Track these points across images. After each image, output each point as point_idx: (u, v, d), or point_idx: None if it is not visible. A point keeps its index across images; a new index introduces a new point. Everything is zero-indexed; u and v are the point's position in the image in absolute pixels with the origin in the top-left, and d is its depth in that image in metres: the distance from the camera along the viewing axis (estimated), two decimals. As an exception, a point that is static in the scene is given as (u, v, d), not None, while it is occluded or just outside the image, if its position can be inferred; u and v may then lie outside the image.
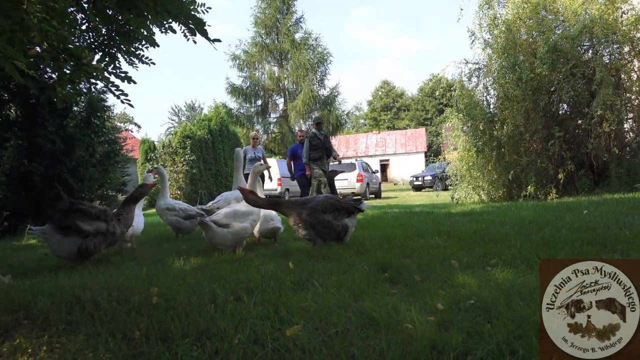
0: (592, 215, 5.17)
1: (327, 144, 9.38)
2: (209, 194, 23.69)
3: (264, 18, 31.57)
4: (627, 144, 11.04)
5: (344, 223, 3.90)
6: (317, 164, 9.20)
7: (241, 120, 31.19)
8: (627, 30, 10.23)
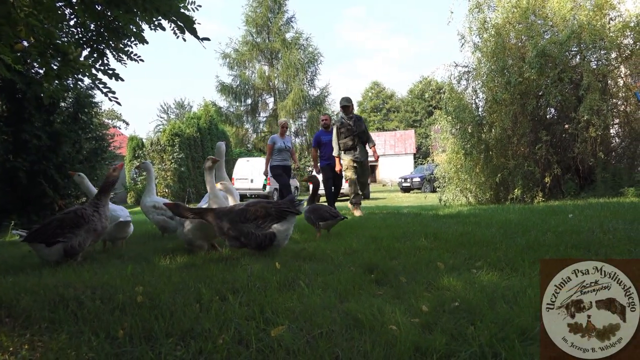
0: (577, 219, 5.22)
1: (359, 128, 7.77)
2: (197, 193, 23.58)
3: (255, 17, 31.53)
4: (612, 149, 11.18)
5: (270, 231, 3.63)
6: (350, 155, 7.73)
7: (230, 118, 31.13)
8: (615, 37, 10.35)
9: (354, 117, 7.86)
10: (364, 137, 7.84)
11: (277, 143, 8.85)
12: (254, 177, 22.38)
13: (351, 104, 7.92)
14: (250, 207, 3.65)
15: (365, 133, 7.86)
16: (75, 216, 3.73)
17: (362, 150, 7.79)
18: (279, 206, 3.69)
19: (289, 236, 3.80)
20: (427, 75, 61.39)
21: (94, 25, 4.02)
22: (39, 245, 3.61)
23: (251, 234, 3.57)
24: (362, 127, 7.84)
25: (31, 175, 8.29)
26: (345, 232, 4.92)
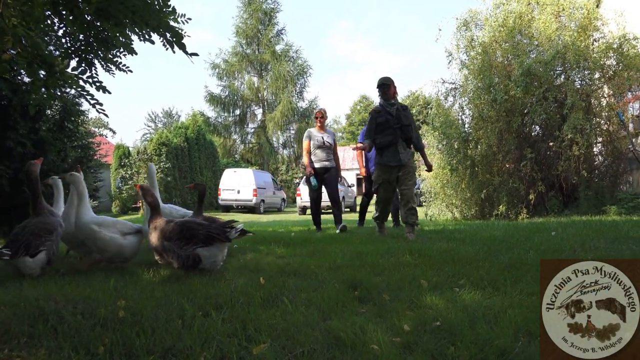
0: (559, 237, 5.28)
1: (404, 120, 5.78)
2: (184, 203, 23.43)
3: (246, 28, 31.66)
4: (596, 167, 11.34)
5: (195, 253, 3.40)
6: (388, 154, 5.79)
7: (219, 129, 31.09)
8: (598, 57, 10.56)
9: (398, 105, 5.90)
10: (408, 133, 5.83)
11: (315, 138, 7.14)
12: (240, 188, 22.30)
13: (392, 85, 5.90)
14: (179, 226, 3.48)
15: (409, 128, 5.83)
16: (45, 222, 3.70)
17: (404, 149, 5.85)
18: (208, 230, 3.46)
19: (219, 262, 3.58)
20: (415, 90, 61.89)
21: (83, 36, 4.02)
22: (23, 259, 3.49)
23: (173, 252, 3.39)
24: (408, 119, 5.85)
25: (15, 183, 8.18)
26: (330, 247, 4.92)
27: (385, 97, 5.88)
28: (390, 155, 5.83)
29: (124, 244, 3.85)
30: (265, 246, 5.25)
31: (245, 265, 3.96)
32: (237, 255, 4.76)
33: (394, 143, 5.79)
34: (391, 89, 5.91)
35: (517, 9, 11.87)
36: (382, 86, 5.89)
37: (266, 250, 4.97)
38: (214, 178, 26.11)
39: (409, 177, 5.91)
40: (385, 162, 5.87)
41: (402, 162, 5.82)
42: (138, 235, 3.99)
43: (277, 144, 32.97)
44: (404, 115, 5.85)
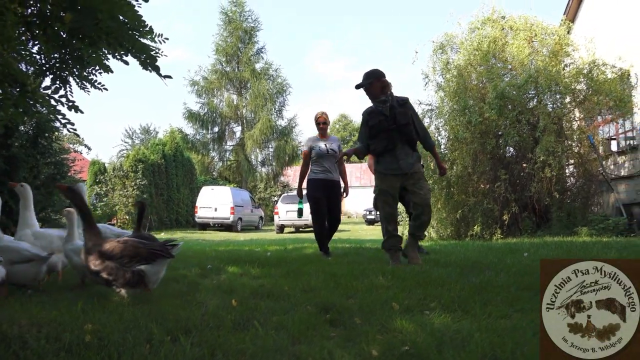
0: (531, 258, 5.36)
1: (400, 119, 4.89)
2: (160, 220, 23.16)
3: (225, 46, 31.74)
4: (568, 189, 11.58)
5: (139, 271, 3.32)
6: (384, 162, 5.02)
7: (197, 146, 30.91)
8: (569, 82, 10.87)
9: (392, 100, 4.95)
10: (409, 133, 4.93)
11: (316, 146, 6.21)
12: (217, 206, 22.14)
13: (377, 81, 4.94)
14: (119, 245, 3.39)
15: (411, 127, 4.94)
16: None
17: (405, 155, 4.95)
18: (152, 248, 3.41)
19: (159, 279, 3.53)
20: (394, 110, 62.71)
21: (58, 53, 4.00)
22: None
23: (117, 271, 3.29)
24: (406, 117, 4.90)
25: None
26: (305, 267, 4.91)
27: (373, 95, 4.99)
28: (388, 163, 5.00)
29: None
30: (240, 266, 5.21)
31: (218, 287, 3.93)
32: (211, 276, 4.72)
33: (391, 148, 4.94)
34: (374, 85, 4.94)
35: (492, 33, 12.17)
36: (361, 87, 5.03)
37: (241, 271, 4.94)
38: (192, 195, 25.90)
39: (418, 185, 4.98)
40: (382, 169, 5.06)
41: (404, 170, 4.92)
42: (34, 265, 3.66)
43: (256, 161, 32.90)
44: (401, 113, 4.89)
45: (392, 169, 5.00)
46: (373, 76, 5.02)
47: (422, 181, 5.07)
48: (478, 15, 12.91)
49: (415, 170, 5.01)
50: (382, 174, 5.09)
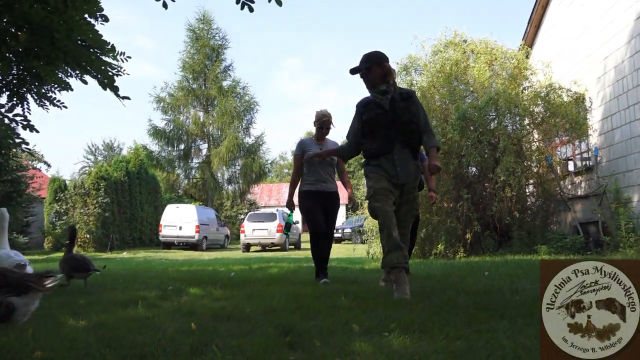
0: (491, 277, 5.47)
1: (402, 115, 4.07)
2: (122, 239, 22.64)
3: (192, 63, 31.62)
4: (528, 208, 11.88)
5: (8, 302, 2.95)
6: (377, 167, 4.13)
7: (162, 163, 30.48)
8: (527, 105, 11.24)
9: (395, 91, 4.10)
10: (411, 134, 4.10)
11: (309, 152, 5.30)
12: (182, 225, 21.81)
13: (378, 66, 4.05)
14: None
15: (414, 125, 4.10)
16: None
17: (405, 161, 4.09)
18: (23, 278, 3.08)
19: (30, 312, 3.13)
20: (361, 129, 63.36)
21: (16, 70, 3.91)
22: None
23: None
24: (409, 112, 4.07)
25: None
26: (269, 288, 4.88)
27: (371, 84, 4.09)
28: (384, 168, 4.09)
29: None
30: (202, 288, 5.13)
31: (178, 309, 3.85)
32: (171, 298, 4.63)
33: (388, 151, 4.04)
34: (374, 71, 4.03)
35: (454, 56, 12.51)
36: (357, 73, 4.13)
37: (203, 292, 4.86)
38: (156, 214, 25.45)
39: (409, 205, 4.18)
40: (373, 170, 4.15)
41: (401, 179, 4.04)
42: None
43: (222, 179, 32.65)
44: (402, 108, 4.03)
45: (387, 172, 4.06)
46: (372, 60, 4.07)
47: (414, 202, 4.26)
48: (441, 38, 13.27)
49: (411, 184, 4.17)
50: (376, 174, 4.10)
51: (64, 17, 2.70)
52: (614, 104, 9.96)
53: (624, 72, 9.51)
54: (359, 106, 4.28)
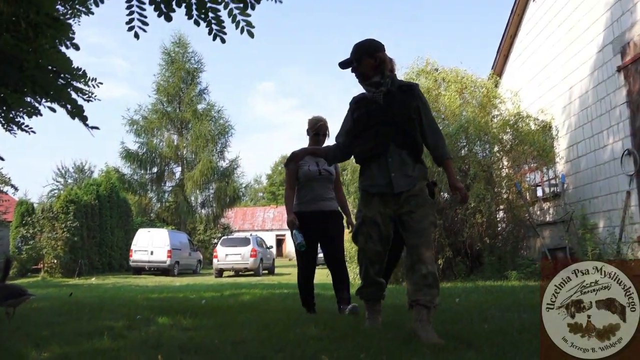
0: (462, 304, 5.53)
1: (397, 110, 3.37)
2: (91, 265, 22.11)
3: (167, 86, 31.55)
4: (498, 233, 12.07)
5: None
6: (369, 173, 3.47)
7: (134, 186, 30.07)
8: (497, 132, 11.52)
9: (393, 84, 3.44)
10: (410, 132, 3.38)
11: (304, 166, 4.68)
12: (154, 249, 21.44)
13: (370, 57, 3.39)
14: None
15: (413, 123, 3.38)
16: None
17: (401, 165, 3.35)
18: None
19: None
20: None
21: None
22: None
23: None
24: (407, 107, 3.37)
25: None
26: (240, 317, 4.82)
27: (362, 77, 3.46)
28: (375, 176, 3.40)
29: None
30: (171, 317, 5.03)
31: (145, 340, 3.77)
32: (139, 328, 4.53)
33: (380, 152, 3.38)
34: (364, 64, 3.41)
35: (426, 84, 12.77)
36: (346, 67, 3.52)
37: (171, 322, 4.77)
38: (127, 238, 24.96)
39: (417, 214, 3.32)
40: (365, 185, 3.49)
41: (396, 188, 3.32)
42: None
43: (196, 203, 32.34)
44: (401, 102, 3.38)
45: (379, 185, 3.38)
46: (361, 51, 3.45)
47: (424, 209, 3.36)
48: (413, 66, 13.55)
49: (414, 191, 3.35)
50: (365, 192, 3.49)
51: (33, 46, 2.69)
52: (579, 132, 10.29)
53: (588, 102, 9.85)
54: (351, 103, 3.67)
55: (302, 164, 4.68)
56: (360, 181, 3.60)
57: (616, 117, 8.86)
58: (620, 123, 8.73)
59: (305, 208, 4.75)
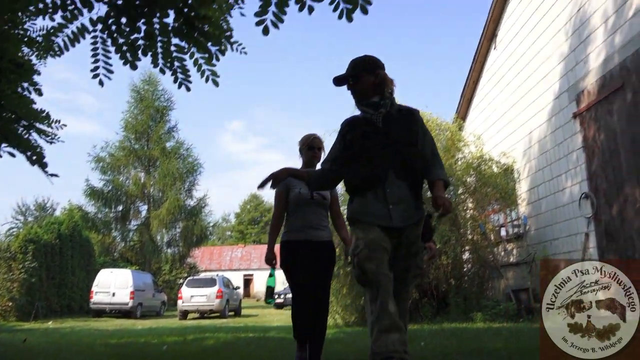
0: (428, 347, 5.52)
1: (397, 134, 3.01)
2: (49, 307, 21.23)
3: (136, 124, 31.35)
4: (464, 274, 12.19)
5: None
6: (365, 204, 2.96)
7: (97, 225, 29.34)
8: (461, 175, 11.80)
9: (392, 106, 3.11)
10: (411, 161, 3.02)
11: (295, 189, 4.10)
12: (116, 291, 20.79)
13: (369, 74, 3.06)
14: None
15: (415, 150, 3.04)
16: None
17: (401, 196, 2.96)
18: None
19: None
20: (305, 192, 63.85)
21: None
22: None
23: None
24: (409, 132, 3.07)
25: None
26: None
27: (360, 96, 3.10)
28: (369, 206, 2.95)
29: None
30: None
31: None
32: None
33: (377, 182, 2.94)
34: (363, 80, 3.06)
35: (392, 127, 13.05)
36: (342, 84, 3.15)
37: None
38: (88, 279, 24.11)
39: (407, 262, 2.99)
40: (360, 215, 2.98)
41: (395, 222, 2.89)
42: None
43: (161, 242, 31.67)
44: (402, 125, 3.06)
45: (375, 215, 2.92)
46: (360, 66, 3.12)
47: (415, 260, 3.04)
48: (380, 110, 13.84)
49: (411, 238, 2.97)
50: (362, 222, 2.96)
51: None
52: (539, 175, 10.64)
53: (547, 147, 10.23)
54: (343, 125, 3.22)
55: (292, 187, 4.12)
56: (351, 210, 3.07)
57: (573, 161, 9.22)
58: (578, 167, 9.09)
59: (294, 237, 4.15)
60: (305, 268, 4.07)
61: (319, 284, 4.11)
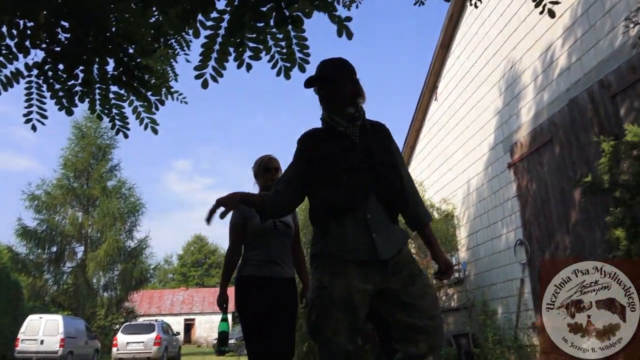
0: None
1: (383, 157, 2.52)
2: (-34, 357, 19.59)
3: (76, 161, 30.26)
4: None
5: None
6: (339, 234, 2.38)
7: (28, 267, 27.71)
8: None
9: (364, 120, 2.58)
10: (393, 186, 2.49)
11: (254, 218, 3.19)
12: (44, 338, 19.51)
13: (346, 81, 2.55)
14: None
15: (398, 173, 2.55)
16: None
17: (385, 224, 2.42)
18: None
19: None
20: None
21: None
22: None
23: None
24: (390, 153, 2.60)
25: None
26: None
27: (334, 105, 2.57)
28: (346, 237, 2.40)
29: None
30: None
31: None
32: None
33: (356, 206, 2.42)
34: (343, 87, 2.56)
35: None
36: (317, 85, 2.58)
37: None
38: (15, 325, 22.50)
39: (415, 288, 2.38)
40: (333, 251, 2.42)
41: (384, 253, 2.36)
42: None
43: (98, 285, 30.19)
44: (380, 143, 2.61)
45: (355, 249, 2.39)
46: (341, 70, 2.62)
47: (420, 279, 2.46)
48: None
49: (405, 258, 2.48)
50: (331, 259, 2.41)
51: None
52: (477, 222, 11.00)
53: (484, 195, 10.64)
54: (304, 139, 2.64)
55: (251, 216, 3.40)
56: (322, 245, 2.47)
57: (509, 209, 9.61)
58: (513, 215, 9.47)
59: (255, 272, 3.52)
60: (265, 311, 3.43)
61: (281, 324, 3.47)
